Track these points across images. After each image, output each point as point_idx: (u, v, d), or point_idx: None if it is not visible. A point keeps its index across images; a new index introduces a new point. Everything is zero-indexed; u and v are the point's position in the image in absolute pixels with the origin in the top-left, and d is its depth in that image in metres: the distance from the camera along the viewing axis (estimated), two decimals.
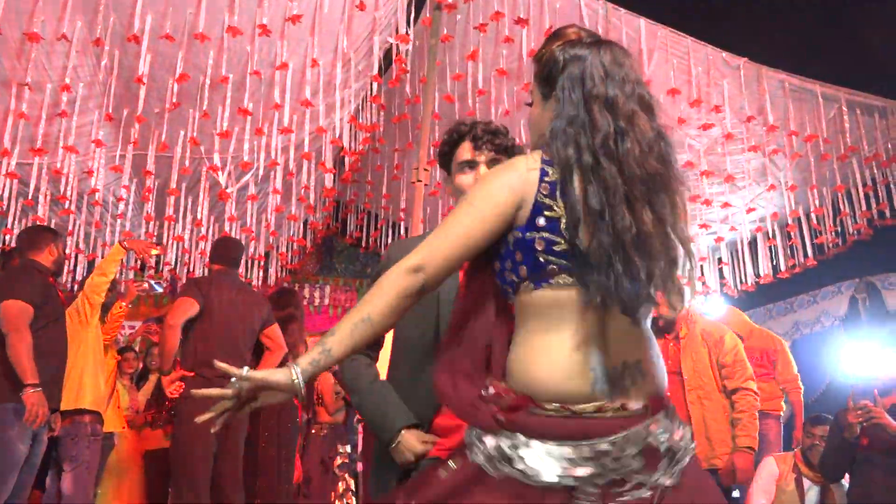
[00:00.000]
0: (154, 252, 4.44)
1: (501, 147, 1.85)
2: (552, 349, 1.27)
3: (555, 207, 1.29)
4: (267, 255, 6.71)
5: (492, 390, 1.29)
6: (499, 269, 1.35)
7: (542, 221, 1.28)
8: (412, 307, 1.33)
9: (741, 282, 6.69)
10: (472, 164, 1.87)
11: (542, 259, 1.28)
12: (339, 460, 5.32)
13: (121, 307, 4.42)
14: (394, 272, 1.32)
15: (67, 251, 5.56)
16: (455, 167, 1.91)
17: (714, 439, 3.62)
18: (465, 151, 1.88)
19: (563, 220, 1.27)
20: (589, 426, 1.22)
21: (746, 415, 3.65)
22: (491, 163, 1.83)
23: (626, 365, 1.26)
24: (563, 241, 1.27)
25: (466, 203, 1.34)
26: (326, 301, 8.59)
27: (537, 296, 1.29)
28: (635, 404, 1.24)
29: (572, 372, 1.24)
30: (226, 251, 4.17)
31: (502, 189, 1.31)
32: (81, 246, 5.98)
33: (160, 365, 3.91)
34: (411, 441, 1.73)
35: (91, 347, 4.07)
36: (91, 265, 6.02)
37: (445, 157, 1.93)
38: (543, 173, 1.31)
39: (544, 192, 1.30)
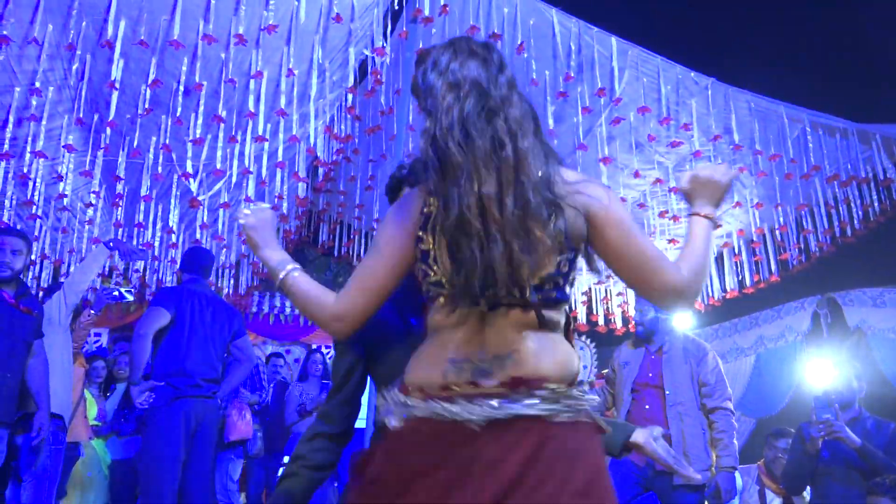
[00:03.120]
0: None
1: None
2: (423, 353, 1.34)
3: (426, 239, 1.31)
4: (238, 263, 6.66)
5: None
6: None
7: (419, 253, 1.32)
8: None
9: (708, 296, 6.81)
10: None
11: (423, 287, 1.34)
12: None
13: (89, 315, 4.35)
14: (324, 313, 1.40)
15: (33, 257, 5.46)
16: None
17: (691, 455, 3.64)
18: None
19: (432, 252, 1.30)
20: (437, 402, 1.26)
21: (727, 434, 3.69)
22: None
23: (496, 356, 1.27)
24: (433, 273, 1.30)
25: (372, 246, 1.40)
26: (297, 311, 8.53)
27: (432, 318, 1.34)
28: (488, 383, 1.25)
29: (430, 365, 1.31)
30: (196, 260, 4.14)
31: (396, 227, 1.36)
32: (48, 251, 5.87)
33: (129, 375, 3.85)
34: None
35: (59, 350, 3.95)
36: (57, 271, 5.92)
37: (391, 194, 1.83)
38: (424, 204, 1.34)
39: (420, 224, 1.33)
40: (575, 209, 1.29)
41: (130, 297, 4.46)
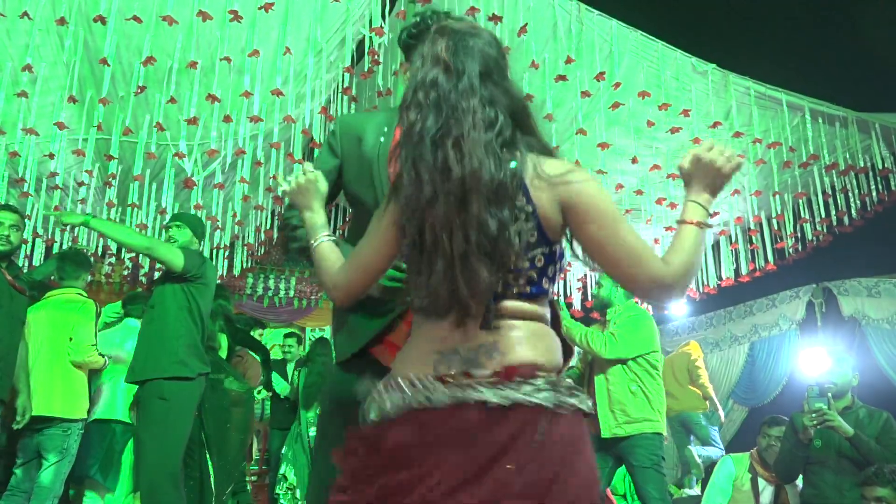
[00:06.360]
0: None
1: None
2: (409, 347, 1.36)
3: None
4: (232, 244, 6.61)
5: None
6: None
7: (404, 248, 1.38)
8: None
9: (703, 284, 6.80)
10: None
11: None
12: None
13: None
14: (327, 282, 1.50)
15: (25, 236, 5.39)
16: None
17: (616, 411, 3.84)
18: None
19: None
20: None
21: None
22: None
23: (481, 346, 1.27)
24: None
25: (368, 229, 1.45)
26: (292, 293, 8.51)
27: (415, 309, 1.37)
28: (481, 372, 1.24)
29: (418, 359, 1.31)
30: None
31: (387, 216, 1.40)
32: (40, 230, 5.81)
33: None
34: None
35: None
36: (49, 250, 5.86)
37: (410, 48, 1.78)
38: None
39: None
40: (553, 203, 1.29)
41: None
